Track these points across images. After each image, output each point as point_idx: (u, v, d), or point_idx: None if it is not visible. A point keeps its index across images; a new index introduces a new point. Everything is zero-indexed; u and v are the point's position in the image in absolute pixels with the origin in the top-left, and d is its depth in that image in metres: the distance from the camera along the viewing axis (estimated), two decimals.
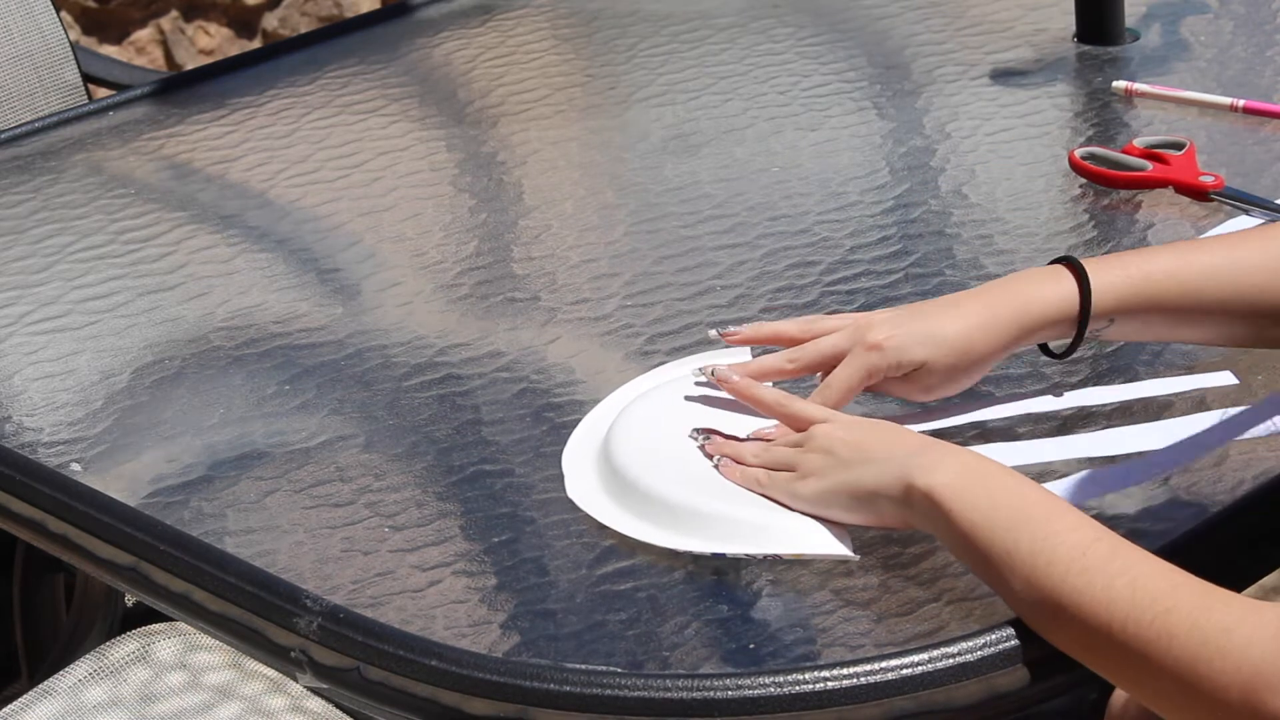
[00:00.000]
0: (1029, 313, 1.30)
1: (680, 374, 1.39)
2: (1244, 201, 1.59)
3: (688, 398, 1.35)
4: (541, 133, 1.88)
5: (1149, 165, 1.66)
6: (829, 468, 1.22)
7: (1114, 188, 1.66)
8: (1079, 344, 1.32)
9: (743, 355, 1.39)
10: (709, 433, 1.30)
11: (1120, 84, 1.84)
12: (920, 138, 1.79)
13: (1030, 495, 1.13)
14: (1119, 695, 1.49)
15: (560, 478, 1.31)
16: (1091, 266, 1.30)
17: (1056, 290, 1.30)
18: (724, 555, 1.21)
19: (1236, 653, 1.01)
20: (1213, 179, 1.62)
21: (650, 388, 1.38)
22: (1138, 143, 1.70)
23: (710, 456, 1.29)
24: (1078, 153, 1.69)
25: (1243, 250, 1.32)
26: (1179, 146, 1.68)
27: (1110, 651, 1.06)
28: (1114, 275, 1.30)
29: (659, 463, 1.28)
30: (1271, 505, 1.22)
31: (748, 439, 1.30)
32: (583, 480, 1.31)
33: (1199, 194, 1.62)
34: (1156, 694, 1.05)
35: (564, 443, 1.35)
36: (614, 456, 1.29)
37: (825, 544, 1.20)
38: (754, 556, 1.21)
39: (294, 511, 1.31)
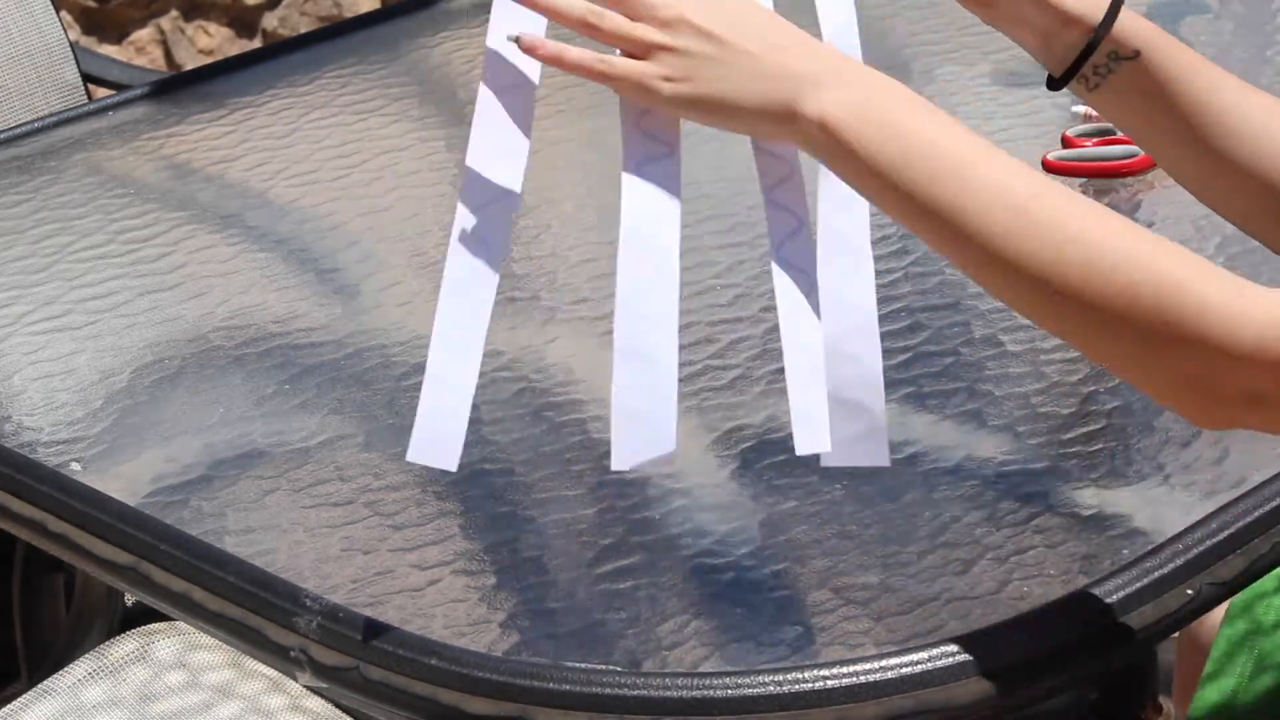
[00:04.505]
0: None
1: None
2: None
3: None
4: (541, 133, 1.87)
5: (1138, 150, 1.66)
6: (700, 67, 1.05)
7: (1115, 176, 1.66)
8: (1083, 63, 1.17)
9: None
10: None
11: None
12: None
13: (950, 135, 1.04)
14: (1203, 621, 1.38)
15: (560, 476, 1.31)
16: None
17: None
18: None
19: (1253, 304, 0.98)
20: None
21: None
22: (1071, 133, 1.70)
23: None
24: (1051, 155, 1.68)
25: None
26: (1109, 132, 1.68)
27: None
28: (1146, 24, 1.15)
29: None
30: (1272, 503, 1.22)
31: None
32: None
33: None
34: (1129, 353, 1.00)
35: (564, 442, 1.35)
36: None
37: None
38: None
39: (294, 511, 1.31)
